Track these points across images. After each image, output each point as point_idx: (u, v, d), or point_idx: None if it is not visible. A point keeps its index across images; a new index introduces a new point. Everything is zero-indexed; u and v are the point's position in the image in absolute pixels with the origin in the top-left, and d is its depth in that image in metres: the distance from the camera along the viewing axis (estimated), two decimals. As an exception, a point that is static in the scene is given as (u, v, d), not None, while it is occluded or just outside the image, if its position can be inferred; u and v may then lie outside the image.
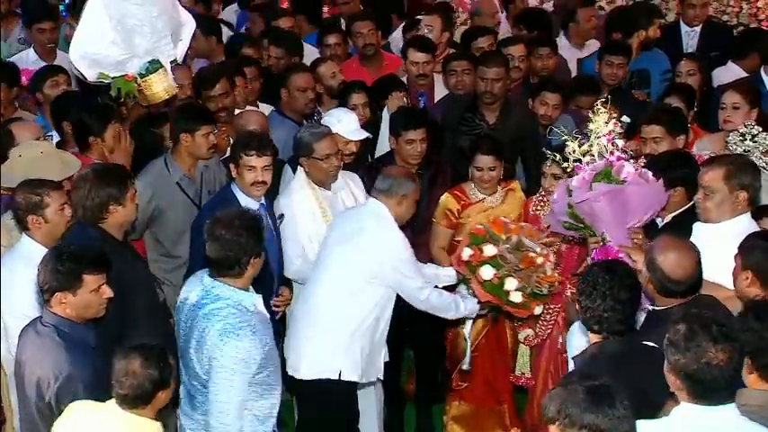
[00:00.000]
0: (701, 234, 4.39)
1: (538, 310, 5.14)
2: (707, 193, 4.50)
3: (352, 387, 5.10)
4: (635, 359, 3.69)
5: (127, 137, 5.66)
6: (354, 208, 5.38)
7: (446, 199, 5.75)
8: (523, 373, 5.71)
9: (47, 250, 4.20)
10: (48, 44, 7.48)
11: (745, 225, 4.45)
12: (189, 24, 5.74)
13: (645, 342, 3.78)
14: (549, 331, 5.47)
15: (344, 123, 5.74)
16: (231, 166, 5.28)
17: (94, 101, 5.96)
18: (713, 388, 3.13)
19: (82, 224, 4.64)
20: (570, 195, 4.53)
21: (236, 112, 6.41)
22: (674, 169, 4.81)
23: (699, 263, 3.92)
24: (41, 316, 4.05)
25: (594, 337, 3.82)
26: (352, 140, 5.77)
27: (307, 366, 5.03)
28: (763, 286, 3.96)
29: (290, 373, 5.02)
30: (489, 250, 5.05)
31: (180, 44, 5.68)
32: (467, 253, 5.10)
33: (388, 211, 5.02)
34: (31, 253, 4.46)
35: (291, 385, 5.10)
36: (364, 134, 5.88)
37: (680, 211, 4.89)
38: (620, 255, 4.40)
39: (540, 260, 5.04)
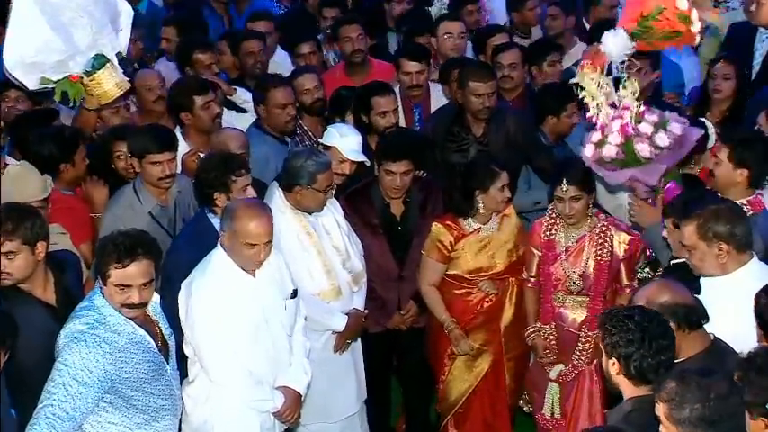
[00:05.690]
0: (707, 292, 3.99)
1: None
2: (689, 250, 4.17)
3: None
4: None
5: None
6: None
7: (437, 230, 5.39)
8: (553, 414, 5.31)
9: None
10: None
11: (747, 281, 3.97)
12: (126, 11, 5.28)
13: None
14: (586, 361, 5.16)
15: (347, 140, 5.44)
16: (216, 194, 4.84)
17: (50, 126, 5.63)
18: None
19: None
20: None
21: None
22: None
23: None
24: None
25: (638, 390, 3.49)
26: (347, 160, 5.42)
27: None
28: None
29: None
30: None
31: (121, 34, 5.23)
32: None
33: (223, 259, 4.47)
34: None
35: None
36: (363, 158, 5.51)
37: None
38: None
39: None
